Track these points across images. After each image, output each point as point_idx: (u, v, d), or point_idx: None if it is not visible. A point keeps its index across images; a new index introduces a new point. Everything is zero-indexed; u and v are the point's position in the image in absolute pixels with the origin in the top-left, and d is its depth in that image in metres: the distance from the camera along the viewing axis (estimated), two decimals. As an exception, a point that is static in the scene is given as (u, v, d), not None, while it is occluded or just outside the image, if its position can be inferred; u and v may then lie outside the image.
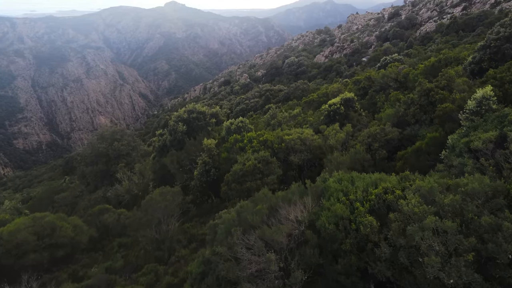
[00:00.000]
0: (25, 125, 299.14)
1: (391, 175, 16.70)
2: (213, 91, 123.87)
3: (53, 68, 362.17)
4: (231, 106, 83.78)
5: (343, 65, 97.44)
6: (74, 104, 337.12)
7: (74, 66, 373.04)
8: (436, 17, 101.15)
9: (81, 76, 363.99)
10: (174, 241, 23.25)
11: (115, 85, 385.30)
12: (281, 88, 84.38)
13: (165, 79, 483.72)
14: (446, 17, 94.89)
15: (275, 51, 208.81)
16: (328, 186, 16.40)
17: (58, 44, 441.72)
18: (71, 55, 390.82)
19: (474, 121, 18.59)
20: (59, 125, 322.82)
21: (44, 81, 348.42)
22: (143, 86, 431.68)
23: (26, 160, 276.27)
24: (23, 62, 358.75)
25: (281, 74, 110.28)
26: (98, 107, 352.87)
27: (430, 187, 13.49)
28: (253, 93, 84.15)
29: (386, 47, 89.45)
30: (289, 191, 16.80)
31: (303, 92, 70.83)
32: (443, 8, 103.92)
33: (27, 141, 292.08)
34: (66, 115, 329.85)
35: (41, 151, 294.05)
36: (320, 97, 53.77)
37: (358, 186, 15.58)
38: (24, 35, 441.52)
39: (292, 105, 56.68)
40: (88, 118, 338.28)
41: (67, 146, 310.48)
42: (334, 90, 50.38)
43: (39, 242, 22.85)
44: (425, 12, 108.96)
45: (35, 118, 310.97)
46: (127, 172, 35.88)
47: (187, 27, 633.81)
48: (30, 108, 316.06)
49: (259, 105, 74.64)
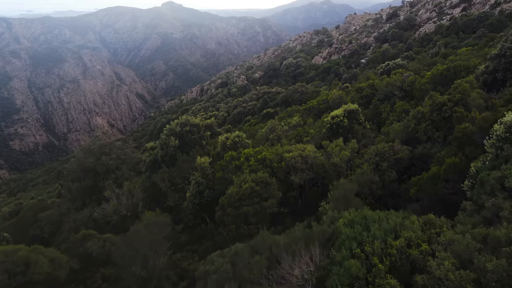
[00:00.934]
0: (21, 126, 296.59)
1: (411, 217, 14.14)
2: (210, 92, 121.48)
3: (49, 68, 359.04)
4: (228, 109, 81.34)
5: (342, 66, 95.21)
6: (71, 105, 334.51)
7: (71, 66, 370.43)
8: (435, 18, 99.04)
9: (78, 76, 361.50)
10: (162, 278, 20.79)
11: (112, 85, 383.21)
12: (279, 91, 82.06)
13: (162, 79, 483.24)
14: (445, 18, 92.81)
15: (272, 51, 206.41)
16: (339, 231, 13.95)
17: (54, 45, 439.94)
18: (68, 55, 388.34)
19: (504, 150, 16.10)
20: (55, 126, 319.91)
21: (41, 82, 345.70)
22: (140, 87, 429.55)
23: (22, 161, 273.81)
24: (19, 63, 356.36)
25: (278, 76, 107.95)
26: (95, 108, 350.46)
27: (466, 244, 11.02)
28: (250, 95, 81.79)
29: (385, 49, 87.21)
30: (292, 237, 14.31)
31: (301, 96, 68.41)
32: (442, 9, 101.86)
33: (24, 142, 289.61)
34: (62, 116, 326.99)
35: (38, 153, 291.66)
36: (320, 104, 51.35)
37: (374, 233, 13.07)
38: (20, 36, 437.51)
39: (291, 112, 54.08)
40: (85, 119, 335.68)
41: (63, 147, 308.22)
42: (335, 97, 47.86)
43: (10, 281, 20.40)
44: (424, 13, 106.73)
45: (31, 119, 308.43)
46: (116, 189, 33.40)
47: (184, 27, 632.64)
48: (26, 109, 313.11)
49: (257, 108, 72.22)
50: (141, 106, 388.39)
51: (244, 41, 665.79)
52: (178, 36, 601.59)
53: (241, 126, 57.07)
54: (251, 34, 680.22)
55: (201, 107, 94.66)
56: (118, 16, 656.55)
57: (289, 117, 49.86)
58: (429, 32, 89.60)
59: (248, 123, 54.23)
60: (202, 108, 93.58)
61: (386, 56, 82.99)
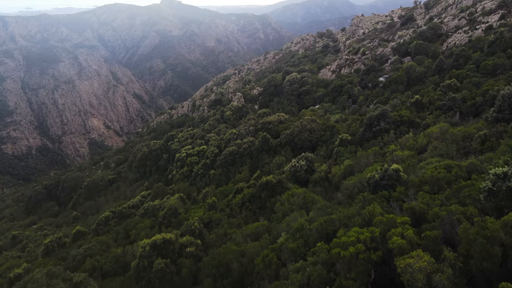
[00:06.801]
0: (14, 129, 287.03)
1: None
2: (202, 109, 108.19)
3: (43, 69, 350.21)
4: (220, 143, 67.85)
5: (356, 85, 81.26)
6: (66, 107, 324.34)
7: (66, 66, 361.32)
8: (465, 26, 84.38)
9: (73, 77, 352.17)
10: None
11: (108, 86, 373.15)
12: (282, 119, 69.00)
13: (160, 78, 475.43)
14: (480, 28, 78.35)
15: (273, 55, 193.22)
16: None
17: (51, 43, 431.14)
18: (63, 55, 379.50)
19: None
20: (50, 129, 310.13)
21: (35, 83, 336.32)
22: (138, 87, 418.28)
23: (15, 166, 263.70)
24: (13, 63, 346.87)
25: (280, 94, 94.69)
26: (91, 109, 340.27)
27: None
28: (246, 126, 68.58)
29: (409, 66, 72.90)
30: None
31: (310, 134, 54.86)
32: (473, 16, 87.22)
33: (16, 146, 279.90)
34: (57, 118, 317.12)
35: (31, 156, 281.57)
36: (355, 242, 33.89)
37: None
38: (17, 34, 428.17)
39: (294, 217, 35.76)
40: (80, 120, 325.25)
41: (58, 151, 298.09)
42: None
43: None
44: (451, 20, 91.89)
45: (24, 121, 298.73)
46: None
47: (183, 24, 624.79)
48: (20, 111, 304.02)
49: (255, 148, 58.60)
50: (138, 106, 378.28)
51: (244, 38, 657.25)
52: (177, 34, 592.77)
53: (229, 200, 42.60)
54: (251, 31, 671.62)
55: (189, 135, 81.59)
56: (116, 13, 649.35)
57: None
58: (460, 44, 75.49)
59: (240, 195, 40.16)
60: (190, 136, 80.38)
61: (411, 76, 69.04)
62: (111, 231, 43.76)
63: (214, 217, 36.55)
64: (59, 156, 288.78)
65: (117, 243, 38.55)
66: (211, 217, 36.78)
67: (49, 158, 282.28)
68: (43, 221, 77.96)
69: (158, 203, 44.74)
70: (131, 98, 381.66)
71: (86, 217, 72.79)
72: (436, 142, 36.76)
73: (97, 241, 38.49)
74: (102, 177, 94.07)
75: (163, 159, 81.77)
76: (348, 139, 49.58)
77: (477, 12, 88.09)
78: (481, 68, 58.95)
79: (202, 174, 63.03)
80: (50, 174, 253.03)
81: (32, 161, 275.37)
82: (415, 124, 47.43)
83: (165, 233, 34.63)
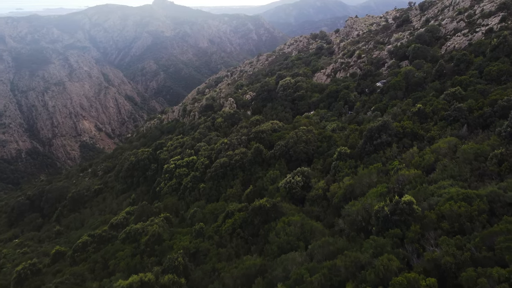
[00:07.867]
0: (3, 132, 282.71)
1: None
2: (193, 116, 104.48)
3: (33, 71, 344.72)
4: (210, 153, 64.31)
5: (353, 91, 77.77)
6: (56, 109, 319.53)
7: (56, 68, 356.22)
8: (465, 29, 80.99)
9: (64, 79, 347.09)
10: None
11: (99, 87, 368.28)
12: (276, 128, 65.60)
13: (153, 79, 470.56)
14: (480, 31, 75.06)
15: (266, 57, 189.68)
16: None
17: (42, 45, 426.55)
18: (53, 56, 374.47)
19: None
20: (40, 132, 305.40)
21: (24, 85, 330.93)
22: (130, 88, 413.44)
23: (4, 170, 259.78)
24: (2, 65, 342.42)
25: (274, 99, 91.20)
26: (82, 112, 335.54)
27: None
28: (239, 136, 65.00)
29: (407, 70, 69.55)
30: None
31: (306, 146, 51.43)
32: (472, 18, 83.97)
33: (6, 149, 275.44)
34: (47, 120, 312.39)
35: (21, 160, 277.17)
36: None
37: None
38: (6, 35, 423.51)
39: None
40: (71, 123, 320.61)
41: (48, 154, 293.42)
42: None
43: None
44: (449, 22, 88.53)
45: (14, 124, 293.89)
46: None
47: (176, 25, 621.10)
48: (9, 114, 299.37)
49: (247, 160, 55.06)
50: (130, 108, 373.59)
51: (236, 39, 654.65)
52: (170, 35, 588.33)
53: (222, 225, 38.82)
54: (244, 31, 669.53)
55: (178, 143, 78.05)
56: (108, 14, 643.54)
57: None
58: (460, 48, 72.22)
59: (230, 220, 36.43)
60: (179, 145, 76.78)
61: (410, 82, 65.62)
62: (88, 259, 40.20)
63: (202, 247, 33.08)
64: (49, 159, 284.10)
65: (94, 275, 35.04)
66: (198, 246, 33.29)
67: (39, 162, 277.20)
68: (25, 236, 74.14)
69: (141, 226, 41.10)
70: (123, 99, 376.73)
71: (70, 231, 69.04)
72: (445, 160, 33.40)
73: (72, 273, 34.91)
74: (88, 187, 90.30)
75: (151, 170, 78.02)
76: (347, 153, 46.14)
77: (476, 14, 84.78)
78: (485, 74, 55.41)
79: (191, 187, 59.33)
80: (40, 177, 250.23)
81: (22, 164, 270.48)
82: (419, 137, 44.07)
83: (147, 264, 31.15)
